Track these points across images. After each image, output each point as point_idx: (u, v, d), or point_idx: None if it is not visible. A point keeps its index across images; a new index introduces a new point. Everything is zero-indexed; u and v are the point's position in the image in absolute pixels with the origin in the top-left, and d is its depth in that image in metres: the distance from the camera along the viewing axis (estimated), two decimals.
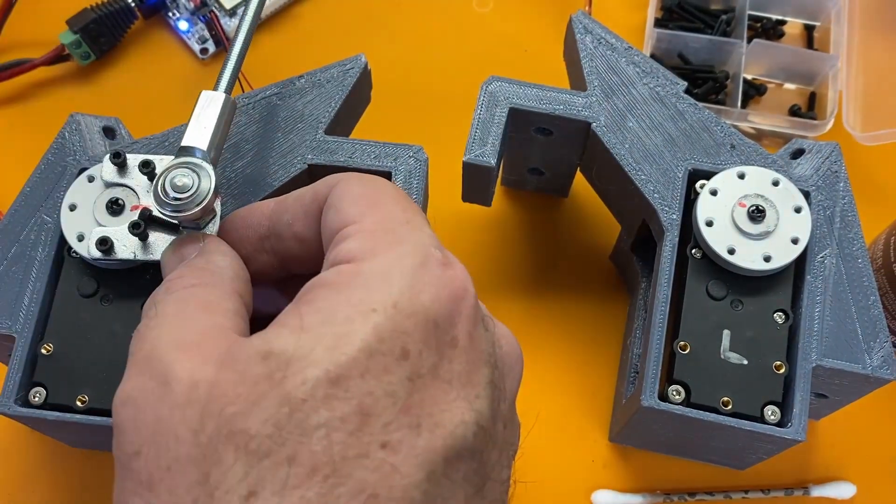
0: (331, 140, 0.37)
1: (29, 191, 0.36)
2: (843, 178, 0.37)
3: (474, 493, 0.21)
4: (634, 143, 0.37)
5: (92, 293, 0.34)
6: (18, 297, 0.34)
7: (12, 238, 0.35)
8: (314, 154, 0.37)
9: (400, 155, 0.36)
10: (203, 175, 0.29)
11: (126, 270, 0.34)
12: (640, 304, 0.41)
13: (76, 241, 0.34)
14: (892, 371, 0.34)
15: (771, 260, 0.35)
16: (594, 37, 0.40)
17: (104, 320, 0.34)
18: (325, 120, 0.37)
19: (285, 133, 0.37)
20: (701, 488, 0.41)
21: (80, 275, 0.35)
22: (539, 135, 0.40)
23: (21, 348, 0.33)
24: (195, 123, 0.30)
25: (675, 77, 0.39)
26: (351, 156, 0.37)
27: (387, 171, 0.36)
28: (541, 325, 0.45)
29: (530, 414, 0.42)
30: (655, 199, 0.37)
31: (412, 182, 0.36)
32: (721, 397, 0.34)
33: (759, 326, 0.35)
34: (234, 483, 0.18)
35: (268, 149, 0.37)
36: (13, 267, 0.35)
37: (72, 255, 0.35)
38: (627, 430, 0.39)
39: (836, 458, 0.42)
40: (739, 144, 0.38)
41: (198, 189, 0.29)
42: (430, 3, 0.54)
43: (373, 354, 0.19)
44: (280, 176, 0.36)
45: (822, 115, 0.49)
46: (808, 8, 0.52)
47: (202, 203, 0.28)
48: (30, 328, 0.34)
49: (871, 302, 0.35)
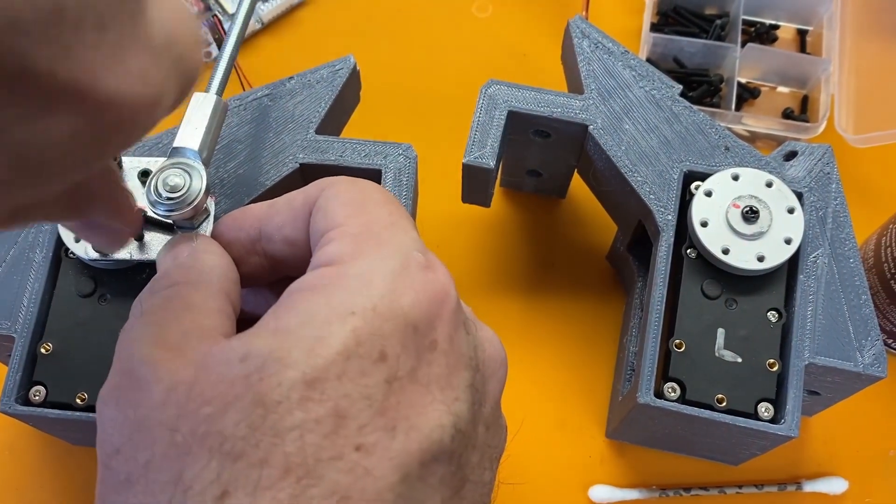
0: (321, 139, 0.37)
1: None
2: (835, 179, 0.38)
3: (451, 495, 0.21)
4: (631, 145, 0.38)
5: (90, 293, 0.35)
6: (17, 298, 0.35)
7: (10, 241, 0.36)
8: (305, 153, 0.37)
9: (389, 153, 0.37)
10: (195, 175, 0.30)
11: (122, 270, 0.35)
12: (636, 303, 0.42)
13: (73, 241, 0.34)
14: (882, 369, 0.35)
15: (764, 260, 0.36)
16: (591, 41, 0.40)
17: (102, 319, 0.34)
18: (315, 120, 0.38)
19: (277, 133, 0.38)
20: (696, 483, 0.42)
21: (78, 275, 0.35)
22: (537, 137, 0.41)
23: (21, 348, 0.34)
24: (187, 124, 0.31)
25: (670, 80, 0.40)
26: (341, 154, 0.37)
27: (377, 169, 0.37)
28: (538, 324, 0.46)
29: (526, 411, 0.43)
30: (651, 200, 0.37)
31: (402, 179, 0.36)
32: (716, 394, 0.34)
33: (753, 325, 0.36)
34: (207, 483, 0.18)
35: (260, 149, 0.37)
36: (12, 269, 0.35)
37: (69, 256, 0.35)
38: (624, 427, 0.39)
39: (828, 454, 0.43)
40: (733, 146, 0.38)
41: (189, 188, 0.29)
42: (431, 8, 0.55)
43: (350, 357, 0.20)
44: (272, 175, 0.37)
45: (815, 118, 0.50)
46: (801, 13, 0.53)
47: (194, 202, 0.29)
48: (29, 328, 0.34)
49: (863, 301, 0.36)
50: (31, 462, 0.42)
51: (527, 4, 0.55)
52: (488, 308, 0.46)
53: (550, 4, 0.55)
